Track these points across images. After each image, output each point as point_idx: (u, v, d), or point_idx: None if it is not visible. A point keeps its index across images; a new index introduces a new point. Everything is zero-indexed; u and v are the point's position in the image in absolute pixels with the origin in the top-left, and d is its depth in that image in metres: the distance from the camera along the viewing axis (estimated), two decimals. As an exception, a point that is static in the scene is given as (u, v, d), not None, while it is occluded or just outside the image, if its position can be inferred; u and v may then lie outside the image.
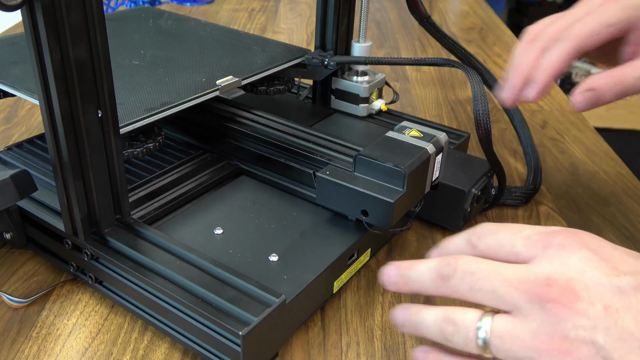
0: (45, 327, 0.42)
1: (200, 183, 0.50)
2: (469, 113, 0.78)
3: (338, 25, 0.60)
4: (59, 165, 0.39)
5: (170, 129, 0.57)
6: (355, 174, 0.44)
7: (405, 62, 0.54)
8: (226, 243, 0.44)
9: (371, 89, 0.62)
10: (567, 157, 0.68)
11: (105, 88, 0.38)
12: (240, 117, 0.55)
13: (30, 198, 0.46)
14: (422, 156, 0.44)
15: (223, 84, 0.53)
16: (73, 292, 0.45)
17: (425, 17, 0.57)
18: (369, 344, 0.41)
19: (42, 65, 0.35)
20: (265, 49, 0.63)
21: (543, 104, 0.82)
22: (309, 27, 1.12)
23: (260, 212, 0.48)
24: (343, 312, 0.44)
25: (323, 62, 0.60)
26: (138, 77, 0.54)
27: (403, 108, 0.79)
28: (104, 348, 0.40)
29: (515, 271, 0.29)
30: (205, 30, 0.68)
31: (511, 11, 2.66)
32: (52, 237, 0.45)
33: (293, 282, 0.40)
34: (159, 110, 0.48)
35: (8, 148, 0.54)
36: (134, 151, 0.48)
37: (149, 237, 0.42)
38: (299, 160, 0.51)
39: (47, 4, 0.33)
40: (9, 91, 0.49)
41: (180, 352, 0.40)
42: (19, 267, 0.47)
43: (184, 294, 0.37)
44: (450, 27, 1.17)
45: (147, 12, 0.74)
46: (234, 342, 0.35)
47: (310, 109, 0.65)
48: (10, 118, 0.72)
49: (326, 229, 0.46)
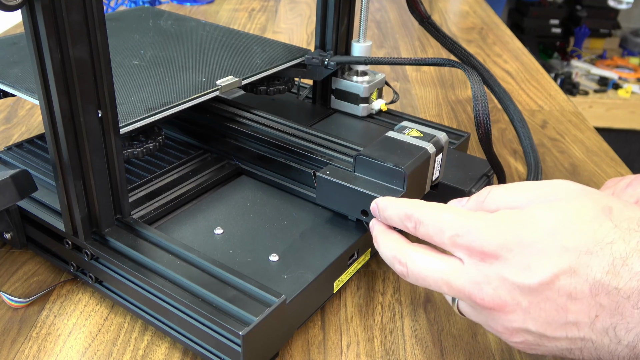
0: (45, 327, 0.42)
1: (200, 183, 0.50)
2: (469, 113, 0.78)
3: (338, 25, 0.60)
4: (59, 165, 0.39)
5: (170, 129, 0.57)
6: (355, 174, 0.44)
7: (405, 62, 0.54)
8: (226, 243, 0.44)
9: (371, 89, 0.62)
10: (567, 157, 0.68)
11: (105, 88, 0.38)
12: (240, 117, 0.55)
13: (30, 198, 0.46)
14: (422, 156, 0.44)
15: (223, 84, 0.53)
16: (73, 292, 0.45)
17: (425, 17, 0.57)
18: (369, 344, 0.41)
19: (42, 65, 0.35)
20: (265, 49, 0.63)
21: (543, 104, 0.82)
22: (309, 27, 1.12)
23: (260, 212, 0.48)
24: (343, 312, 0.44)
25: (323, 62, 0.60)
26: (138, 77, 0.54)
27: (403, 108, 0.79)
28: (104, 348, 0.40)
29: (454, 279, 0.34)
30: (205, 30, 0.68)
31: (511, 11, 2.66)
32: (52, 237, 0.45)
33: (293, 282, 0.40)
34: (159, 110, 0.48)
35: (8, 148, 0.54)
36: (134, 151, 0.48)
37: (149, 237, 0.42)
38: (299, 160, 0.51)
39: (47, 4, 0.33)
40: (9, 91, 0.49)
41: (180, 352, 0.40)
42: (19, 267, 0.47)
43: (184, 294, 0.37)
44: (450, 27, 1.17)
45: (147, 12, 0.74)
46: (234, 342, 0.35)
47: (310, 109, 0.65)
48: (10, 118, 0.72)
49: (326, 229, 0.46)
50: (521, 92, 0.86)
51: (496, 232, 0.32)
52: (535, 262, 0.31)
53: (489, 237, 0.32)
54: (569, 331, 0.31)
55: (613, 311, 0.30)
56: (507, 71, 0.94)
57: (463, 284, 0.33)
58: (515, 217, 0.32)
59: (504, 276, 0.32)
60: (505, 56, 1.01)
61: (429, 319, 0.44)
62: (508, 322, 0.32)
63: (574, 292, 0.30)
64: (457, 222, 0.34)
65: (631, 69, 2.45)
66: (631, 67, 2.48)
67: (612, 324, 0.30)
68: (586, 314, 0.30)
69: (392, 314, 0.44)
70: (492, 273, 0.32)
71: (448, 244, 0.34)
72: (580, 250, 0.30)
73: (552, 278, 0.30)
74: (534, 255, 0.31)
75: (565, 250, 0.31)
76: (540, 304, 0.31)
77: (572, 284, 0.30)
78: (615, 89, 2.35)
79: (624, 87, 2.33)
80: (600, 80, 2.38)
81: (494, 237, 0.32)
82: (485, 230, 0.32)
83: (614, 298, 0.29)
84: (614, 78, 2.38)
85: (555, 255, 0.31)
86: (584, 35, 2.55)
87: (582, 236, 0.31)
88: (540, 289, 0.31)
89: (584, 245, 0.30)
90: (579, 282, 0.30)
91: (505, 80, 0.90)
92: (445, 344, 0.42)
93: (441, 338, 0.42)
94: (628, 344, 0.30)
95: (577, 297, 0.30)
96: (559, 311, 0.31)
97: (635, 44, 2.62)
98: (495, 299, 0.32)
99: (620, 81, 2.39)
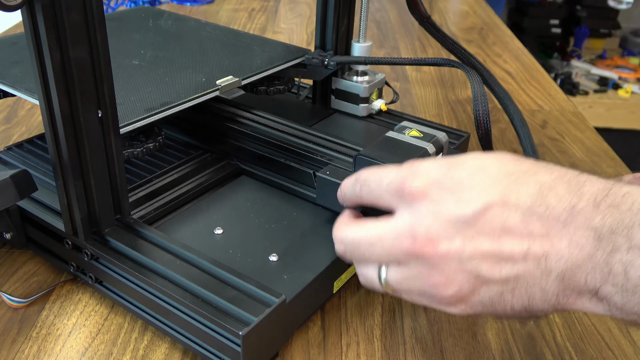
0: (45, 327, 0.42)
1: (200, 183, 0.50)
2: (469, 113, 0.78)
3: (338, 25, 0.60)
4: (59, 165, 0.39)
5: (170, 129, 0.57)
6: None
7: (405, 62, 0.54)
8: (226, 243, 0.44)
9: (371, 89, 0.62)
10: (567, 157, 0.68)
11: (105, 88, 0.38)
12: (240, 117, 0.55)
13: (30, 198, 0.46)
14: (422, 156, 0.44)
15: (223, 84, 0.53)
16: (73, 292, 0.45)
17: (425, 17, 0.57)
18: (369, 344, 0.41)
19: (42, 65, 0.35)
20: (265, 49, 0.63)
21: (543, 104, 0.82)
22: (309, 27, 1.12)
23: (260, 212, 0.48)
24: (343, 312, 0.44)
25: (323, 62, 0.60)
26: (138, 77, 0.54)
27: (403, 108, 0.79)
28: (104, 348, 0.40)
29: (385, 233, 0.33)
30: (205, 30, 0.68)
31: (511, 11, 2.66)
32: (52, 237, 0.45)
33: (293, 282, 0.40)
34: (159, 110, 0.48)
35: (8, 148, 0.54)
36: (134, 151, 0.48)
37: (149, 237, 0.42)
38: (299, 160, 0.51)
39: (47, 4, 0.33)
40: (9, 91, 0.49)
41: (180, 352, 0.40)
42: (19, 267, 0.47)
43: (184, 294, 0.37)
44: (450, 27, 1.17)
45: (147, 12, 0.74)
46: (234, 342, 0.35)
47: (310, 109, 0.65)
48: (10, 118, 0.72)
49: (326, 229, 0.46)
50: (521, 92, 0.86)
51: (425, 172, 0.33)
52: (467, 195, 0.31)
53: (419, 177, 0.33)
54: (503, 269, 0.30)
55: (543, 237, 0.30)
56: (507, 71, 0.94)
57: (394, 231, 0.33)
58: (443, 161, 0.33)
59: (435, 212, 0.31)
60: (505, 56, 1.01)
61: (429, 319, 0.44)
62: (443, 264, 0.31)
63: (506, 222, 0.30)
64: (392, 171, 0.34)
65: (631, 69, 2.45)
66: (631, 67, 2.48)
67: (544, 253, 0.30)
68: (519, 245, 0.30)
69: (392, 314, 0.44)
70: (424, 210, 0.32)
71: (385, 193, 0.34)
72: (508, 181, 0.31)
73: (483, 208, 0.30)
74: (465, 189, 0.31)
75: (494, 181, 0.31)
76: (474, 238, 0.31)
77: (504, 213, 0.30)
78: (615, 89, 2.35)
79: (624, 87, 2.34)
80: (600, 80, 2.38)
81: (422, 176, 0.33)
82: (416, 171, 0.33)
83: (545, 222, 0.30)
84: (614, 78, 2.38)
85: (485, 186, 0.31)
86: (584, 35, 2.55)
87: (508, 169, 0.31)
88: (473, 221, 0.30)
89: (511, 176, 0.31)
90: (510, 211, 0.30)
91: (505, 80, 0.90)
92: (445, 344, 0.42)
93: (441, 338, 0.42)
94: (557, 275, 0.29)
95: (510, 228, 0.30)
96: (494, 244, 0.30)
97: (635, 44, 2.62)
98: (429, 236, 0.31)
99: (620, 81, 2.39)
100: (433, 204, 0.32)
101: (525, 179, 0.31)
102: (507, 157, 0.33)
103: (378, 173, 0.36)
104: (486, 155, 0.33)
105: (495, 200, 0.30)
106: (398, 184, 0.33)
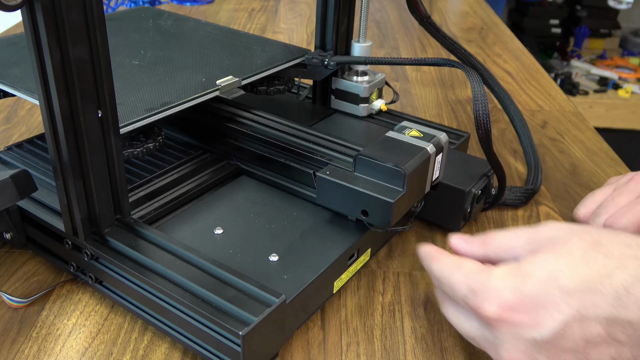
0: (45, 327, 0.42)
1: (200, 183, 0.50)
2: (469, 113, 0.78)
3: (338, 25, 0.60)
4: (59, 165, 0.39)
5: (170, 129, 0.57)
6: (355, 174, 0.44)
7: (405, 62, 0.54)
8: (226, 243, 0.44)
9: (371, 89, 0.62)
10: (567, 157, 0.68)
11: (105, 88, 0.38)
12: (240, 117, 0.55)
13: (30, 198, 0.46)
14: (422, 156, 0.44)
15: (223, 84, 0.53)
16: (73, 292, 0.45)
17: (425, 17, 0.57)
18: (369, 344, 0.41)
19: (42, 65, 0.35)
20: (265, 49, 0.63)
21: (543, 104, 0.82)
22: (309, 27, 1.12)
23: (260, 212, 0.48)
24: (343, 312, 0.44)
25: (323, 62, 0.60)
26: (138, 77, 0.54)
27: (403, 108, 0.79)
28: (104, 348, 0.40)
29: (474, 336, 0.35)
30: (205, 30, 0.68)
31: (511, 11, 2.65)
32: (52, 237, 0.45)
33: (293, 282, 0.40)
34: (159, 110, 0.48)
35: (8, 148, 0.54)
36: (134, 151, 0.48)
37: (149, 237, 0.42)
38: (299, 160, 0.51)
39: (47, 4, 0.33)
40: (9, 91, 0.49)
41: (180, 352, 0.40)
42: (19, 267, 0.47)
43: (184, 294, 0.37)
44: (450, 27, 1.17)
45: (147, 12, 0.74)
46: (234, 342, 0.35)
47: (310, 109, 0.65)
48: (10, 118, 0.72)
49: (326, 229, 0.46)
50: (521, 92, 0.86)
51: (496, 296, 0.32)
52: (542, 316, 0.31)
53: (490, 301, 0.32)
54: None
55: (633, 345, 0.29)
56: (507, 71, 0.94)
57: (483, 344, 0.34)
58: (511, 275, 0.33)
59: (514, 337, 0.31)
60: (505, 56, 1.01)
61: (429, 319, 0.44)
62: None
63: (590, 336, 0.30)
64: (462, 284, 0.35)
65: (631, 69, 2.45)
66: (631, 67, 2.48)
67: (634, 358, 0.30)
68: (607, 354, 0.30)
69: (392, 314, 0.44)
70: (503, 336, 0.32)
71: (463, 305, 0.35)
72: (582, 291, 0.30)
73: (561, 328, 0.30)
74: (539, 309, 0.31)
75: (567, 294, 0.30)
76: (558, 355, 0.31)
77: (583, 327, 0.30)
78: (615, 89, 2.35)
79: (624, 87, 2.33)
80: (600, 80, 2.38)
81: (494, 300, 0.32)
82: (487, 294, 0.33)
83: (629, 332, 0.29)
84: (614, 78, 2.38)
85: (560, 302, 0.30)
86: (584, 35, 2.55)
87: (580, 276, 0.31)
88: (554, 341, 0.30)
89: (585, 285, 0.30)
90: (589, 324, 0.30)
91: (505, 80, 0.90)
92: (445, 344, 0.42)
93: (441, 338, 0.42)
94: None
95: (594, 341, 0.30)
96: (579, 356, 0.30)
97: (635, 44, 2.61)
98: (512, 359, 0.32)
99: (620, 81, 2.39)
100: (510, 329, 0.32)
101: (600, 286, 0.30)
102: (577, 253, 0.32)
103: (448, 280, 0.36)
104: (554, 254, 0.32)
105: (572, 314, 0.30)
106: (472, 305, 0.34)
